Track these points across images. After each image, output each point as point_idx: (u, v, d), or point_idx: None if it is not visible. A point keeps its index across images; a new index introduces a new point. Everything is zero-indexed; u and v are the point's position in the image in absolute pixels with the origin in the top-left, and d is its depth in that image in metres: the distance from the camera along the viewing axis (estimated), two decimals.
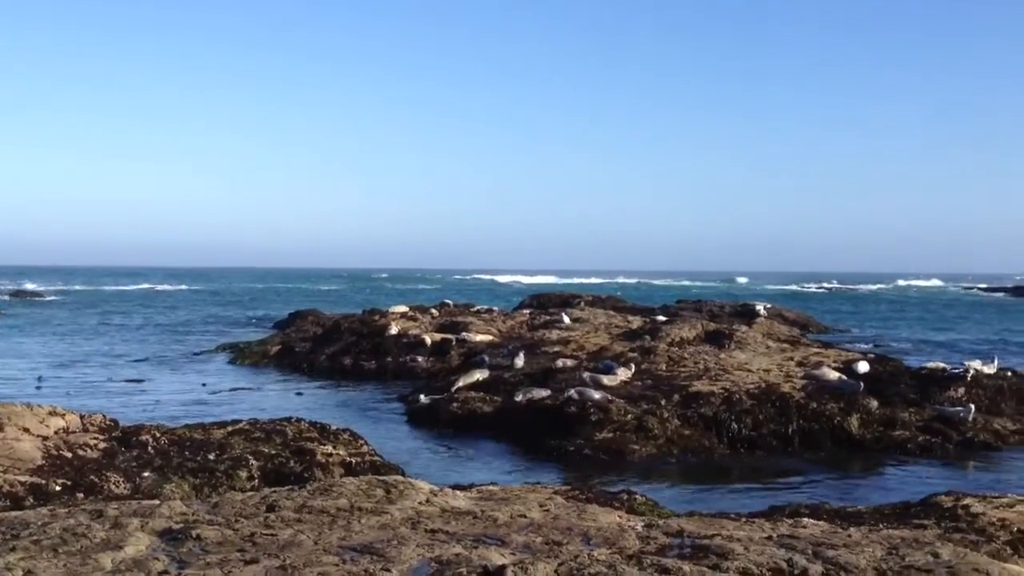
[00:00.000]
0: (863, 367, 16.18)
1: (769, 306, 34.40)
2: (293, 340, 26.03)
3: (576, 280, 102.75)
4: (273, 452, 10.62)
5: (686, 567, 5.53)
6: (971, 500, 7.81)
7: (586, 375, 15.58)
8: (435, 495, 7.22)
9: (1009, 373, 16.85)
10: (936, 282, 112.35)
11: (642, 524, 6.66)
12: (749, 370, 16.39)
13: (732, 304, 35.88)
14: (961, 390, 15.44)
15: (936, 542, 6.26)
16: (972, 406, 14.65)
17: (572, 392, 14.41)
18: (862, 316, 50.12)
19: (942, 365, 16.87)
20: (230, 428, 11.41)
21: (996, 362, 17.30)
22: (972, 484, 11.57)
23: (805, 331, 31.21)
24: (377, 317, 26.08)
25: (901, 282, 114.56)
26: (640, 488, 10.15)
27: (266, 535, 6.07)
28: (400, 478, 8.04)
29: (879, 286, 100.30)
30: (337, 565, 5.45)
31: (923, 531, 6.68)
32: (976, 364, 16.67)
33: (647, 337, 19.56)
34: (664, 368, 16.99)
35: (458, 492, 7.54)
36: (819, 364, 16.68)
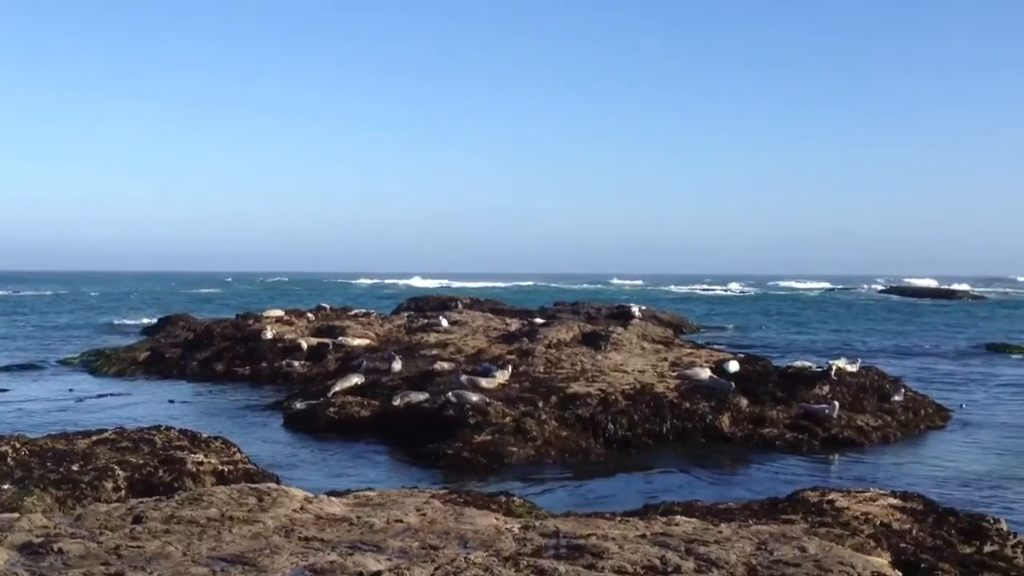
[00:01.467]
0: (733, 366, 16.63)
1: (644, 308, 35.04)
2: (163, 346, 25.22)
3: (478, 284, 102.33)
4: (141, 462, 10.24)
5: (562, 567, 5.55)
6: (836, 495, 8.08)
7: (464, 378, 15.56)
8: (310, 502, 7.07)
9: (871, 371, 17.56)
10: (812, 284, 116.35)
11: (519, 526, 6.67)
12: (625, 371, 16.64)
13: (608, 306, 36.41)
14: (826, 388, 16.01)
15: (803, 537, 6.44)
16: (836, 403, 15.21)
17: (450, 395, 14.37)
18: (734, 317, 51.55)
19: (808, 364, 17.45)
20: (95, 438, 10.96)
21: (859, 361, 18.00)
22: (837, 479, 12.03)
23: (679, 332, 31.90)
24: (251, 321, 25.52)
25: (781, 282, 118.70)
26: (518, 490, 10.19)
27: (132, 547, 5.84)
28: (274, 486, 7.86)
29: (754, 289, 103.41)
30: None
31: (791, 526, 6.88)
32: (840, 363, 17.31)
33: (525, 339, 19.67)
34: (542, 370, 17.11)
35: (334, 499, 7.40)
36: (692, 364, 17.06)
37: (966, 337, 36.21)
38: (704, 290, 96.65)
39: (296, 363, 21.36)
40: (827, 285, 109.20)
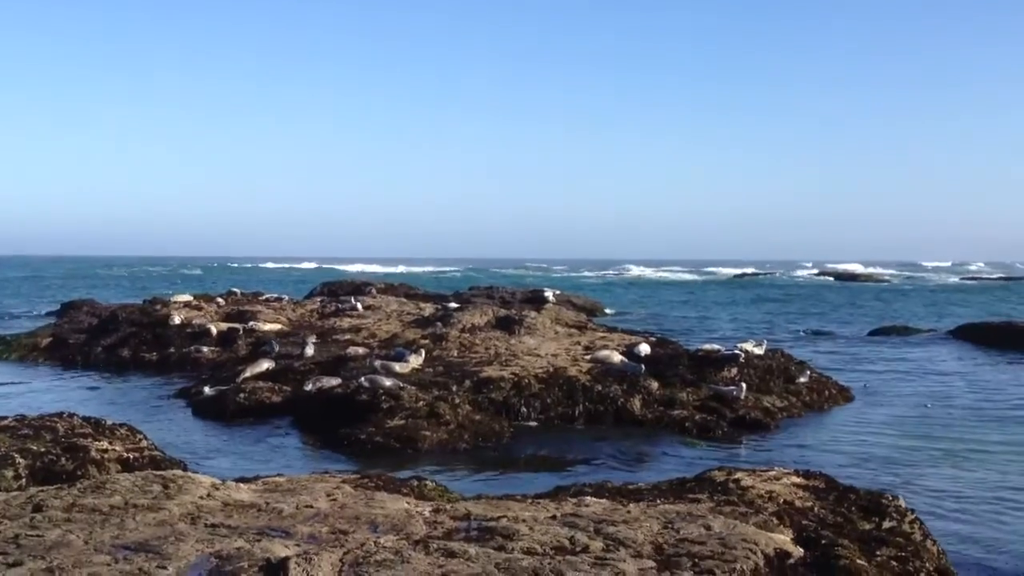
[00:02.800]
0: (645, 350, 16.85)
1: (558, 292, 35.25)
2: (66, 332, 24.50)
3: (400, 269, 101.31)
4: (42, 450, 9.93)
5: (472, 549, 5.57)
6: (742, 474, 8.24)
7: (377, 363, 15.48)
8: (217, 489, 6.96)
9: (778, 353, 17.98)
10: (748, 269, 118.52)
11: (430, 509, 6.67)
12: (538, 355, 16.73)
13: (523, 290, 36.53)
14: (734, 370, 16.33)
15: (709, 515, 6.57)
16: (744, 385, 15.54)
17: (363, 380, 14.28)
18: (653, 301, 52.21)
19: (717, 347, 17.77)
20: None
21: (765, 343, 18.40)
22: (744, 459, 12.28)
23: (592, 316, 32.18)
24: (159, 306, 24.94)
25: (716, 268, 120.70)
26: (431, 474, 10.18)
27: (32, 536, 5.68)
28: (179, 473, 7.72)
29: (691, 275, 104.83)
30: (109, 564, 5.16)
31: (697, 505, 7.00)
32: (748, 345, 17.67)
33: (439, 324, 19.62)
34: (456, 354, 17.12)
35: (241, 485, 7.30)
36: (604, 348, 17.23)
37: (871, 319, 37.30)
38: (616, 274, 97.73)
39: (205, 349, 20.96)
40: (752, 269, 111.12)
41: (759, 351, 17.52)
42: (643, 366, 15.66)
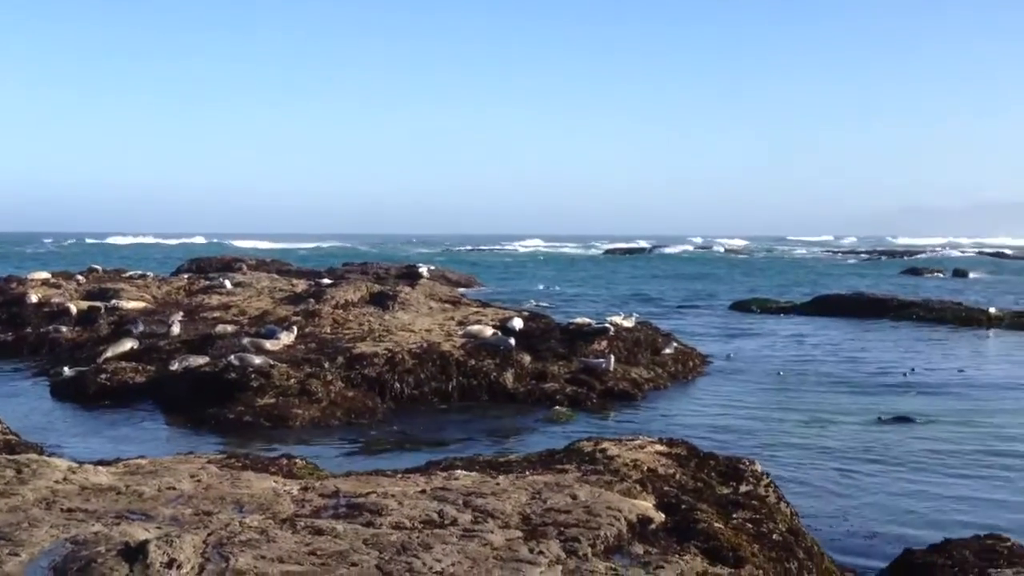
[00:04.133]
0: (517, 324, 17.00)
1: (433, 267, 35.23)
2: None
3: (280, 245, 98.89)
4: None
5: (340, 526, 5.56)
6: (608, 444, 8.42)
7: (247, 340, 15.19)
8: (74, 472, 6.74)
9: (645, 326, 18.41)
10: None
11: (298, 487, 6.61)
12: (412, 330, 16.70)
13: (397, 266, 36.40)
14: (604, 343, 16.65)
15: (575, 484, 6.71)
16: (613, 357, 15.87)
17: (232, 358, 14.00)
18: (533, 275, 52.65)
19: (588, 320, 18.08)
20: None
21: (634, 316, 18.82)
22: (612, 430, 12.57)
23: (467, 291, 32.29)
24: (14, 285, 23.87)
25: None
26: (302, 452, 10.07)
27: None
28: (34, 456, 7.44)
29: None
30: None
31: (564, 475, 7.14)
32: (617, 318, 18.05)
33: (311, 300, 19.38)
34: (328, 331, 16.95)
35: (100, 468, 7.08)
36: (477, 322, 17.32)
37: (738, 292, 38.50)
38: (498, 249, 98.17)
39: (64, 329, 20.15)
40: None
41: (628, 324, 17.91)
42: (514, 340, 15.81)
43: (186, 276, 27.92)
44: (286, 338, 15.66)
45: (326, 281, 23.47)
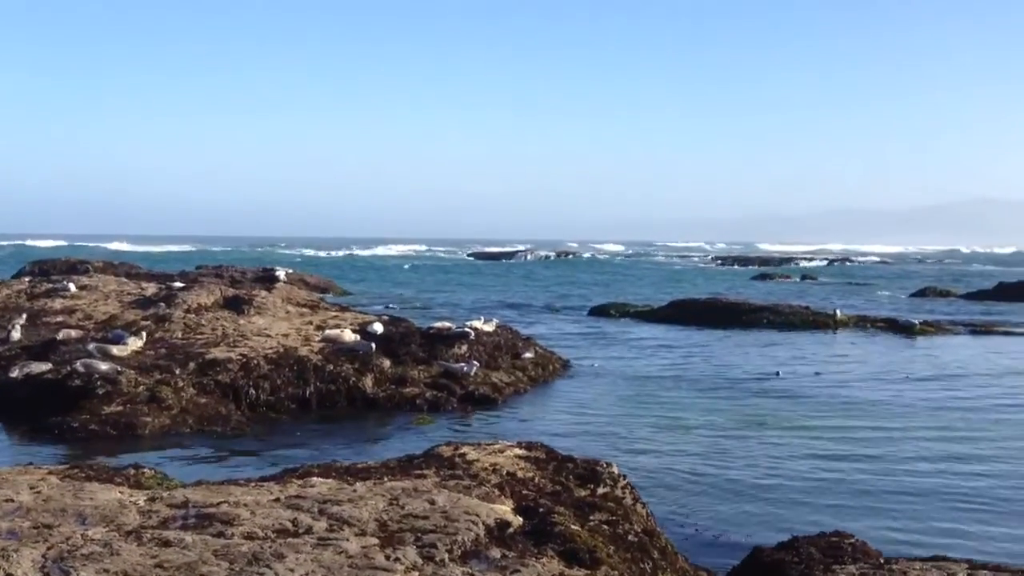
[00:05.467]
0: (378, 328, 16.83)
1: (291, 271, 34.56)
2: None
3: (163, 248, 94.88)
4: None
5: (188, 537, 5.37)
6: (467, 448, 8.41)
7: (92, 346, 14.54)
8: None
9: (506, 330, 18.50)
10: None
11: (145, 498, 6.35)
12: (268, 335, 16.33)
13: (254, 269, 35.56)
14: (465, 347, 16.66)
15: (434, 490, 6.67)
16: (475, 362, 15.89)
17: (77, 364, 13.38)
18: (390, 280, 52.25)
19: (449, 324, 18.04)
20: None
21: (495, 320, 18.90)
22: (473, 434, 12.57)
23: (326, 295, 31.81)
24: None
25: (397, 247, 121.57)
26: (152, 461, 9.70)
27: None
28: None
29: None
30: None
31: (423, 480, 7.08)
32: (478, 323, 18.08)
33: (162, 304, 18.70)
34: (180, 336, 16.40)
35: None
36: (337, 327, 17.08)
37: (600, 296, 39.16)
38: (359, 253, 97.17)
39: None
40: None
41: (489, 328, 17.97)
42: (374, 344, 15.65)
43: (27, 279, 26.58)
44: (134, 343, 15.07)
45: (178, 285, 22.69)
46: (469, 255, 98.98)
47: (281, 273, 29.99)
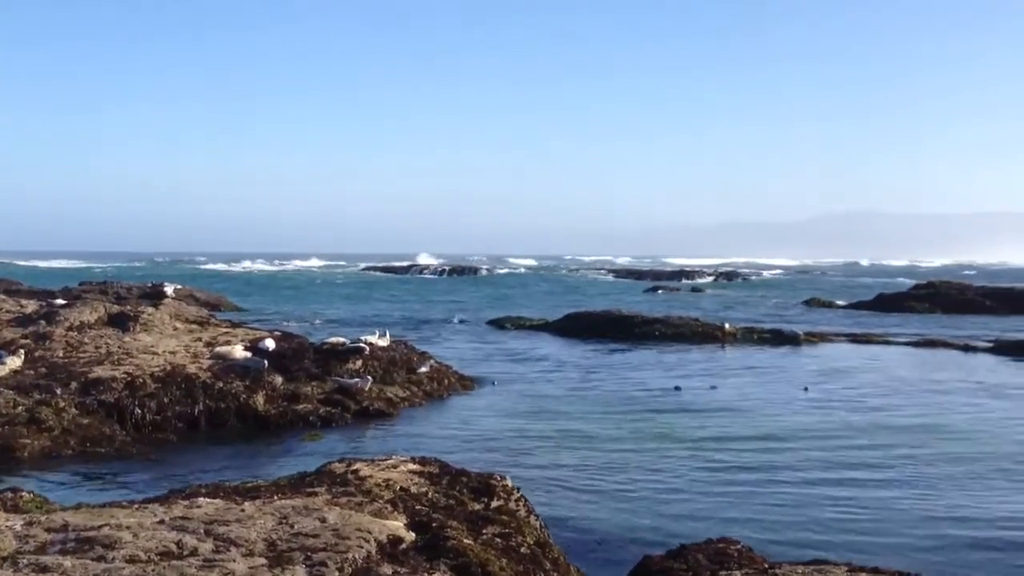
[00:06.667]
0: (269, 344, 16.56)
1: (179, 287, 33.72)
2: None
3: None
4: None
5: (67, 562, 5.18)
6: (360, 465, 8.33)
7: None
8: None
9: (401, 344, 18.41)
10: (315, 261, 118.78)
11: (21, 523, 6.10)
12: (155, 353, 15.90)
13: (141, 285, 34.60)
14: (359, 362, 16.52)
15: (325, 508, 6.58)
16: (369, 377, 15.76)
17: None
18: (285, 295, 51.39)
19: (343, 339, 17.86)
20: None
21: (389, 335, 18.78)
22: (367, 449, 12.46)
23: (216, 311, 31.15)
24: None
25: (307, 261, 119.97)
26: (31, 485, 9.37)
27: None
28: None
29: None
30: None
31: (314, 498, 6.98)
32: (372, 337, 17.94)
33: (42, 322, 18.03)
34: (61, 354, 15.83)
35: None
36: (227, 343, 16.74)
37: (496, 309, 39.27)
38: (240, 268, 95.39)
39: None
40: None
41: (383, 343, 17.85)
42: (266, 361, 15.38)
43: None
44: (12, 363, 14.50)
45: (59, 301, 21.92)
46: (364, 269, 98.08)
47: (169, 289, 29.26)
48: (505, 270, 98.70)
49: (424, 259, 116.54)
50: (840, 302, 46.33)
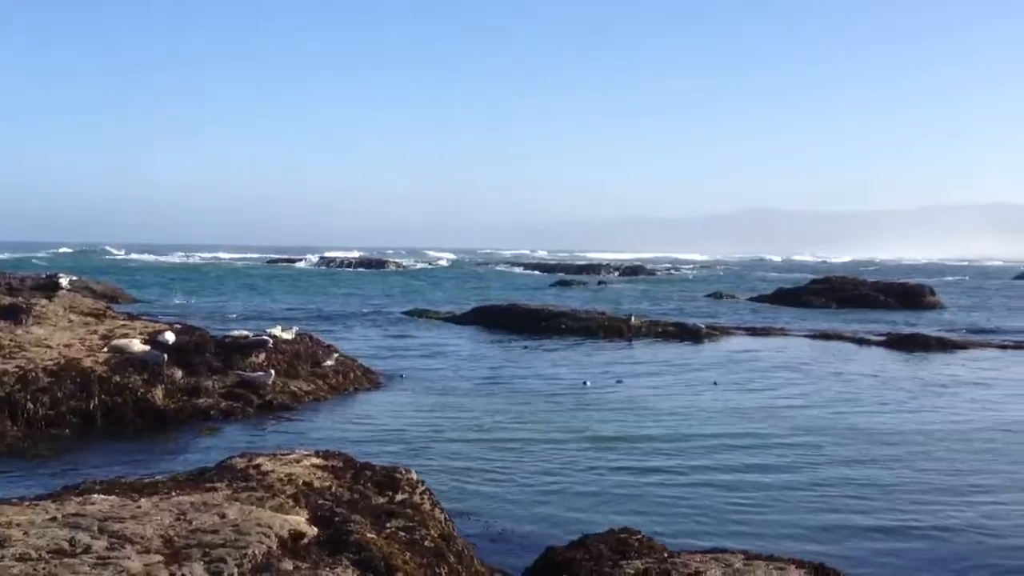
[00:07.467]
0: (169, 337, 16.16)
1: (75, 278, 32.71)
2: None
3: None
4: None
5: None
6: (263, 459, 8.19)
7: None
8: None
9: (306, 337, 18.17)
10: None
11: None
12: (49, 346, 15.38)
13: (34, 276, 33.45)
14: (263, 356, 16.25)
15: (224, 503, 6.46)
16: (272, 371, 15.53)
17: None
18: (189, 287, 50.27)
19: (246, 332, 17.57)
20: None
21: (294, 328, 18.53)
22: (270, 444, 12.28)
23: (114, 303, 30.31)
24: None
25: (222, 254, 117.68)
26: None
27: None
28: None
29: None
30: None
31: (214, 494, 6.85)
32: (276, 331, 17.68)
33: None
34: None
35: None
36: (125, 336, 16.29)
37: (404, 301, 39.05)
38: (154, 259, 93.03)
39: None
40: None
41: (288, 336, 17.61)
42: (165, 355, 15.03)
43: None
44: None
45: None
46: (270, 262, 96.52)
47: (64, 280, 28.32)
48: (422, 264, 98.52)
49: (332, 252, 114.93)
50: (742, 296, 47.45)
